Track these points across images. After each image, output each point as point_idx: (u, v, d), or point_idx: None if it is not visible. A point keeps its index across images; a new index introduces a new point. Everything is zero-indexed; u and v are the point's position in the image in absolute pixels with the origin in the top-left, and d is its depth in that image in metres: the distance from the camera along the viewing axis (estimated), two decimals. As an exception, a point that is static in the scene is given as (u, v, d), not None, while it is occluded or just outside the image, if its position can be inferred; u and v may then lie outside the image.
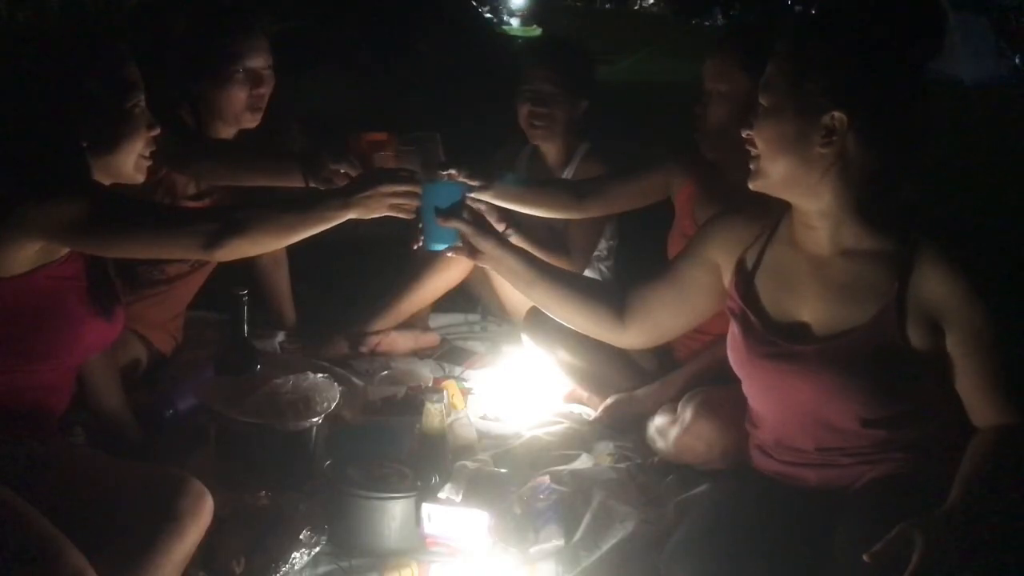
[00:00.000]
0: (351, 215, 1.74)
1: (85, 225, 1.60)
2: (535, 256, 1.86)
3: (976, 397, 1.48)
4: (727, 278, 1.67)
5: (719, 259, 1.68)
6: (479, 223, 1.80)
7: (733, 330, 1.65)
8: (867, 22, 1.44)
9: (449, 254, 1.81)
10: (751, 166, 1.55)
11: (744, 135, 1.54)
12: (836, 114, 1.43)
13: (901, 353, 1.47)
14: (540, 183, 2.66)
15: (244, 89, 2.36)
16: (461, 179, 1.96)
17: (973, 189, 4.73)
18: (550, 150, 2.82)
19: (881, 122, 1.44)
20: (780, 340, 1.56)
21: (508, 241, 1.83)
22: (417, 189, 1.75)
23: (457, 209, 1.77)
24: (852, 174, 1.47)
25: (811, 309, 1.55)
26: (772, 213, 1.63)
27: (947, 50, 9.49)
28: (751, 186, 1.56)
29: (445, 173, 1.94)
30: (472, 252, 1.78)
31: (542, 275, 1.80)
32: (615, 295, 1.79)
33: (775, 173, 1.51)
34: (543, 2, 15.29)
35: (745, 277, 1.64)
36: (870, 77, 1.43)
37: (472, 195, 1.96)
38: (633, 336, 1.78)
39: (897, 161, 1.48)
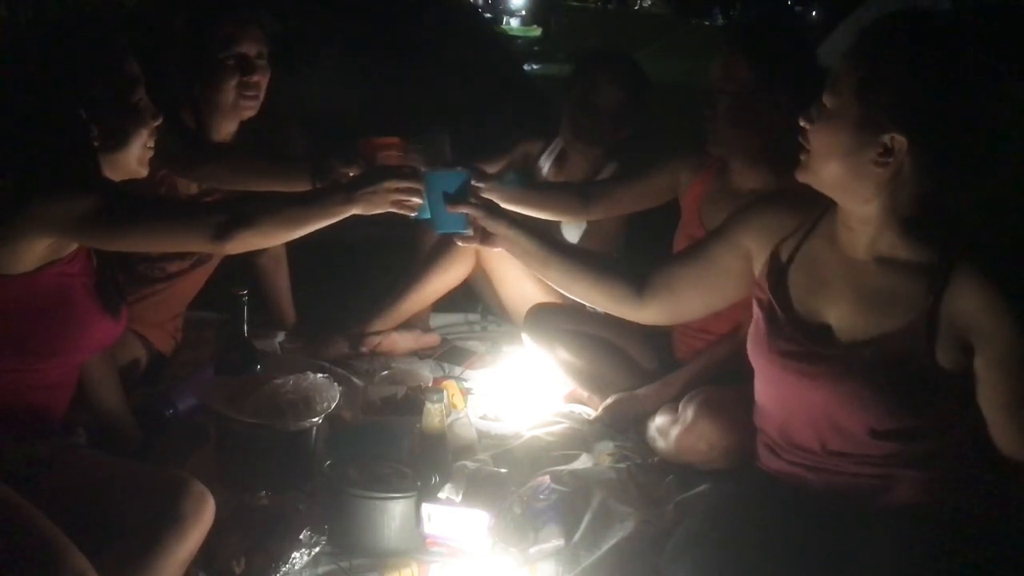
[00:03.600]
0: (355, 210, 1.75)
1: (96, 219, 1.61)
2: (548, 235, 1.85)
3: (1001, 419, 1.44)
4: (758, 267, 1.65)
5: (752, 246, 1.66)
6: (489, 206, 1.79)
7: (757, 320, 1.62)
8: (951, 42, 1.38)
9: (460, 242, 1.82)
10: (801, 157, 1.51)
11: (801, 123, 1.49)
12: (897, 136, 1.38)
13: (924, 368, 1.44)
14: (545, 186, 2.65)
15: (235, 76, 2.34)
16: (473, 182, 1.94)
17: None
18: (579, 162, 2.77)
19: (943, 152, 1.39)
20: (803, 339, 1.54)
21: (520, 221, 1.82)
22: (420, 186, 1.76)
23: (464, 194, 1.77)
24: (902, 191, 1.43)
25: (839, 312, 1.53)
26: (814, 207, 1.59)
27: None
28: (798, 177, 1.52)
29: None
30: (484, 236, 1.78)
31: (556, 253, 1.79)
32: (632, 271, 1.77)
33: (824, 174, 1.47)
34: (543, 2, 15.28)
35: (777, 269, 1.61)
36: (940, 106, 1.37)
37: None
38: (652, 311, 1.77)
39: (952, 184, 1.44)
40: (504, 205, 2.10)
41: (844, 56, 1.45)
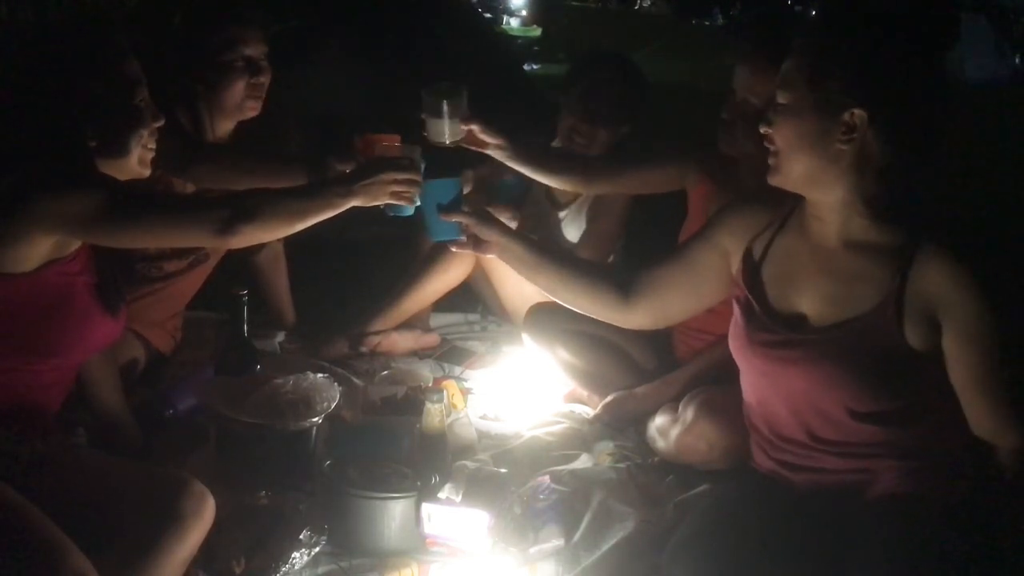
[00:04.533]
0: (354, 202, 1.76)
1: (100, 215, 1.61)
2: (539, 242, 1.88)
3: (971, 396, 1.47)
4: (735, 265, 1.68)
5: (729, 246, 1.69)
6: (481, 214, 1.82)
7: (736, 317, 1.66)
8: (884, 18, 1.45)
9: (454, 248, 1.84)
10: (769, 161, 1.55)
11: (762, 131, 1.54)
12: (856, 111, 1.44)
13: (896, 348, 1.48)
14: (553, 152, 2.62)
15: (243, 78, 2.34)
16: (482, 135, 2.04)
17: (972, 189, 4.72)
18: None
19: (901, 119, 1.45)
20: (780, 328, 1.57)
21: (511, 229, 1.85)
22: (418, 177, 1.78)
23: (457, 203, 1.80)
24: (868, 169, 1.48)
25: (812, 299, 1.56)
26: (784, 204, 1.63)
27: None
28: (770, 182, 1.56)
29: (466, 128, 2.01)
30: (477, 243, 1.80)
31: (547, 259, 1.81)
32: (620, 277, 1.80)
33: (794, 170, 1.52)
34: (543, 2, 15.28)
35: (752, 265, 1.65)
36: (889, 73, 1.44)
37: (488, 151, 2.09)
38: (639, 316, 1.79)
39: (914, 157, 1.48)
40: (513, 165, 2.16)
41: (791, 52, 1.51)
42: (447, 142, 2.02)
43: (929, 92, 1.47)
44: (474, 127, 2.03)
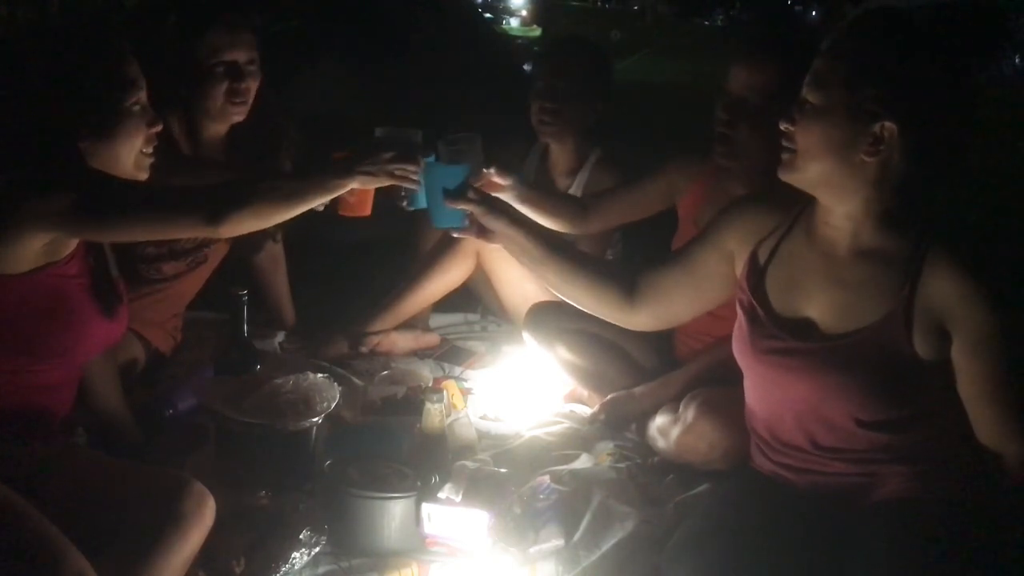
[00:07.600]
0: (354, 184, 1.73)
1: (90, 210, 1.60)
2: (546, 232, 1.84)
3: (978, 406, 1.46)
4: (739, 268, 1.66)
5: (734, 248, 1.67)
6: (488, 202, 1.77)
7: (740, 321, 1.64)
8: (931, 33, 1.42)
9: (455, 235, 1.80)
10: (783, 156, 1.51)
11: (783, 128, 1.50)
12: (887, 124, 1.41)
13: (904, 358, 1.46)
14: (551, 193, 2.64)
15: (223, 83, 2.33)
16: (496, 179, 1.93)
17: (972, 189, 4.73)
18: (560, 152, 2.81)
19: (929, 137, 1.42)
20: (785, 335, 1.56)
21: (518, 218, 1.80)
22: (416, 166, 1.74)
23: (463, 190, 1.75)
24: (887, 182, 1.45)
25: (819, 307, 1.55)
26: (792, 206, 1.61)
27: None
28: (782, 177, 1.53)
29: (487, 172, 1.90)
30: (481, 231, 1.77)
31: (553, 254, 1.77)
32: (626, 276, 1.77)
33: (811, 172, 1.48)
34: (543, 2, 15.29)
35: (757, 269, 1.63)
36: (929, 92, 1.41)
37: (498, 193, 1.94)
38: (643, 318, 1.77)
39: (935, 174, 1.46)
40: (514, 204, 2.07)
41: (825, 52, 1.47)
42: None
43: (963, 116, 1.43)
44: (492, 171, 1.92)
